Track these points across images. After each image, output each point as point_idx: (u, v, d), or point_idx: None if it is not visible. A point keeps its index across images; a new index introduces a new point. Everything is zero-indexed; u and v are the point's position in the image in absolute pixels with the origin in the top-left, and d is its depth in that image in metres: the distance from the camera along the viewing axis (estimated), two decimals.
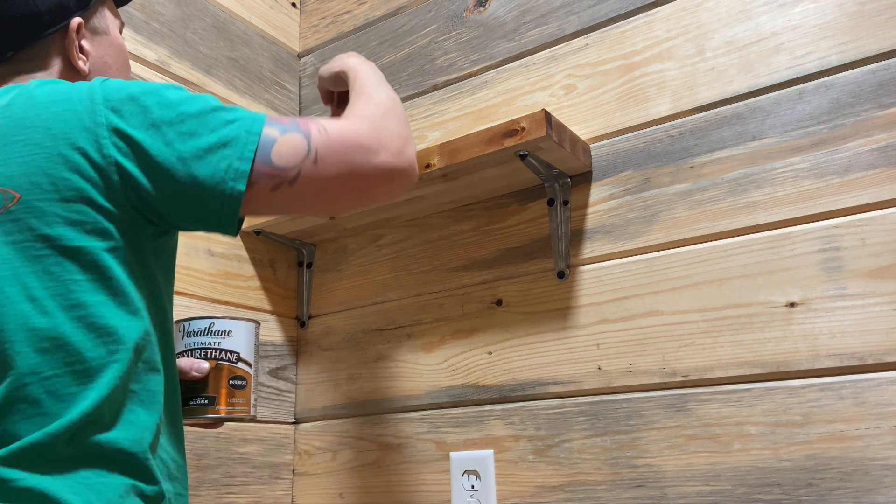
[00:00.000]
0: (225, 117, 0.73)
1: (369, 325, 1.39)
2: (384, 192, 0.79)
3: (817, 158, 1.02)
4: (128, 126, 0.71)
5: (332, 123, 0.76)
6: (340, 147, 0.74)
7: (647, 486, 1.05)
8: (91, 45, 0.86)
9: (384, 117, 0.80)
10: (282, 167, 0.72)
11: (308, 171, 0.73)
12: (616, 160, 1.18)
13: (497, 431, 1.20)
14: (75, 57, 0.84)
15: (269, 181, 0.72)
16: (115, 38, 0.90)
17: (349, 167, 0.75)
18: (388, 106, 0.83)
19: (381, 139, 0.77)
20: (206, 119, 0.72)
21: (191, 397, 0.92)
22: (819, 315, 0.97)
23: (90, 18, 0.87)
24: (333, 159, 0.74)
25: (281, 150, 0.72)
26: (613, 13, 1.22)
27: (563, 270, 1.18)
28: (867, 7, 1.02)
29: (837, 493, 0.93)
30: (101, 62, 0.87)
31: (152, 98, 0.72)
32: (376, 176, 0.76)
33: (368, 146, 0.76)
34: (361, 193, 0.77)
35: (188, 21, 1.40)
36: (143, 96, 0.72)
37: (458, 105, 1.38)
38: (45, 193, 0.68)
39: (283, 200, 0.74)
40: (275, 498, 1.37)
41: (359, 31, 1.56)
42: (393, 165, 0.77)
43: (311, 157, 0.73)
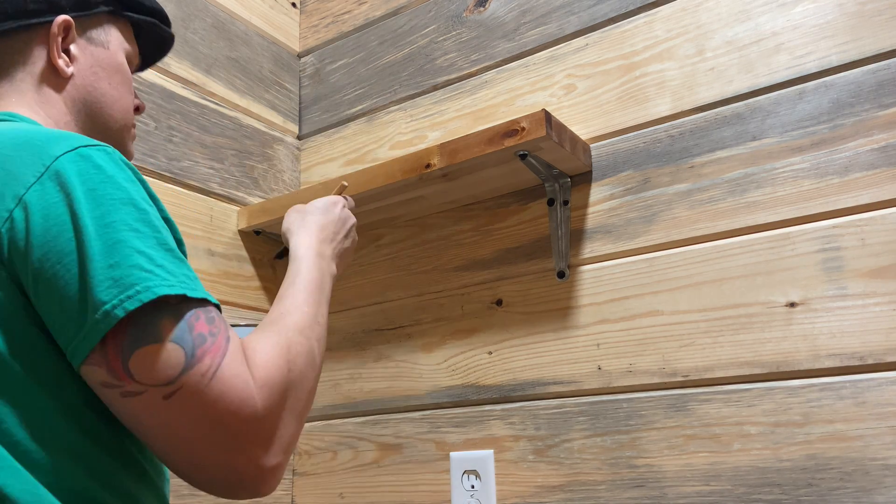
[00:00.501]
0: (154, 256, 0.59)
1: (369, 325, 1.39)
2: (217, 489, 0.61)
3: (817, 158, 1.02)
4: (33, 204, 0.60)
5: (230, 369, 0.59)
6: (207, 411, 0.57)
7: (647, 486, 1.05)
8: (81, 53, 0.81)
9: (290, 391, 0.64)
10: (131, 374, 0.56)
11: (150, 399, 0.57)
12: (616, 160, 1.18)
13: (497, 431, 1.20)
14: (55, 55, 0.78)
15: (104, 374, 0.57)
16: (114, 56, 0.83)
17: (195, 437, 0.58)
18: (302, 370, 0.67)
19: (259, 434, 0.60)
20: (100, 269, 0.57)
21: None
22: (819, 315, 0.97)
23: (89, 27, 0.82)
24: (187, 415, 0.57)
25: (149, 356, 0.56)
26: (613, 13, 1.22)
27: (563, 270, 1.18)
28: (867, 7, 1.02)
29: (837, 493, 0.93)
30: (90, 72, 0.81)
31: (93, 198, 0.60)
32: (216, 471, 0.60)
33: (235, 436, 0.59)
34: (187, 470, 0.60)
35: (188, 21, 1.40)
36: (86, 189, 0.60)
37: (458, 105, 1.38)
38: None
39: (107, 403, 0.59)
40: (275, 498, 1.37)
41: (359, 31, 1.56)
42: (249, 473, 0.60)
43: (168, 388, 0.57)
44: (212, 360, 0.58)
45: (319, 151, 1.56)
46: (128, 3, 0.86)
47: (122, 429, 0.63)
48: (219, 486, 0.61)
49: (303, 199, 1.30)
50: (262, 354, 0.64)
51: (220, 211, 1.37)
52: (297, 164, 1.58)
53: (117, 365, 0.57)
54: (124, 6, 0.85)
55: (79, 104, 0.79)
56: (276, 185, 1.51)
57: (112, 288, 0.56)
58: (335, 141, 1.54)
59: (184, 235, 1.27)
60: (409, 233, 1.38)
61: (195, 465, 0.60)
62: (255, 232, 1.40)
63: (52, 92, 0.78)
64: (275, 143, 1.53)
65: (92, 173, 0.61)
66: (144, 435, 0.59)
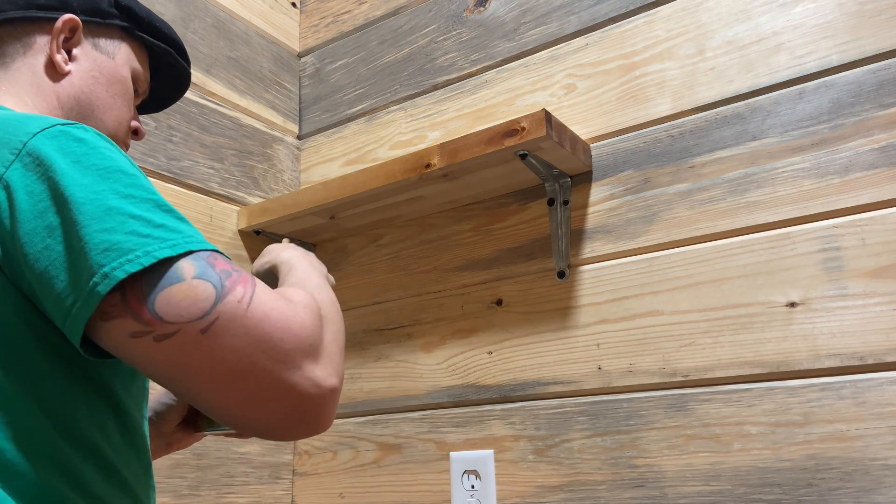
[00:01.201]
0: (152, 218, 0.57)
1: (369, 325, 1.39)
2: (276, 423, 0.57)
3: (817, 158, 1.02)
4: (15, 182, 0.58)
5: (266, 294, 0.57)
6: (252, 333, 0.55)
7: (648, 486, 1.05)
8: (84, 55, 0.80)
9: (327, 324, 0.62)
10: (159, 316, 0.53)
11: (187, 336, 0.54)
12: (616, 160, 1.18)
13: (497, 431, 1.20)
14: (54, 49, 0.77)
15: (132, 324, 0.54)
16: (118, 68, 0.82)
17: (243, 366, 0.55)
18: (332, 315, 0.65)
19: (311, 349, 0.58)
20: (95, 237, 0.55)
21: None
22: (819, 315, 0.97)
23: (99, 35, 0.81)
24: (231, 343, 0.54)
25: (174, 295, 0.54)
26: (613, 13, 1.22)
27: (563, 270, 1.18)
28: (867, 7, 1.02)
29: (837, 493, 0.93)
30: (88, 75, 0.80)
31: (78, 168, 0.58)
32: (275, 398, 0.56)
33: (289, 353, 0.56)
34: (239, 409, 0.56)
35: (188, 21, 1.40)
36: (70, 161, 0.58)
37: (458, 105, 1.38)
38: None
39: (138, 356, 0.55)
40: (275, 498, 1.37)
41: (359, 31, 1.56)
42: (308, 393, 0.56)
43: (203, 321, 0.54)
44: (244, 288, 0.56)
45: (319, 151, 1.56)
46: (145, 25, 0.85)
47: (102, 432, 0.62)
48: (280, 420, 0.57)
49: (303, 198, 1.30)
50: (294, 293, 0.62)
51: (220, 211, 1.37)
52: (297, 164, 1.58)
53: (143, 311, 0.53)
54: (140, 27, 0.84)
55: (72, 101, 0.78)
56: (276, 185, 1.51)
57: (110, 252, 0.54)
58: (335, 141, 1.54)
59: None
60: (409, 233, 1.38)
61: (251, 400, 0.55)
62: (255, 232, 1.40)
63: (46, 85, 0.77)
64: (275, 143, 1.53)
65: (73, 146, 0.59)
66: (189, 382, 0.55)
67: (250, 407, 0.56)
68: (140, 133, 0.87)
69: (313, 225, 1.39)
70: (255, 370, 0.55)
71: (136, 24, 0.84)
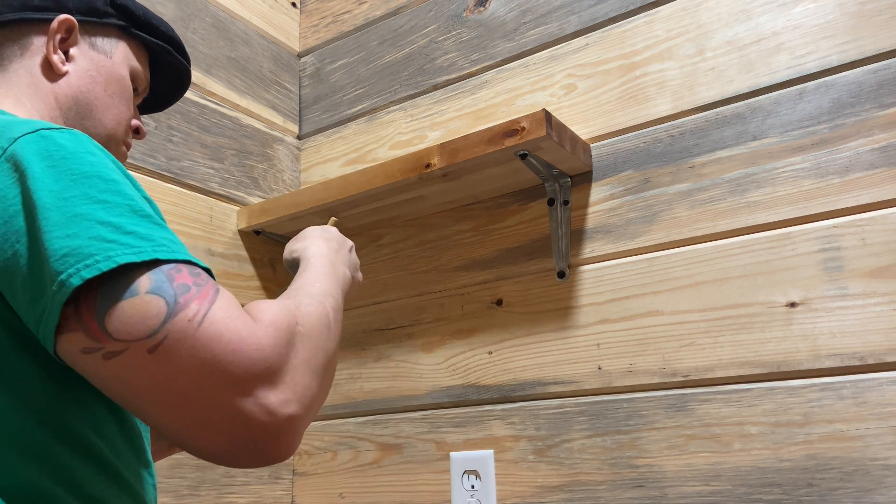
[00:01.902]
0: (122, 224, 0.54)
1: (369, 325, 1.39)
2: (225, 452, 0.54)
3: (818, 158, 1.02)
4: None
5: (223, 311, 0.53)
6: (200, 355, 0.51)
7: (648, 486, 1.05)
8: (81, 55, 0.80)
9: (300, 343, 0.58)
10: (107, 332, 0.51)
11: (134, 355, 0.51)
12: (616, 160, 1.18)
13: (497, 431, 1.20)
14: (51, 50, 0.77)
15: (82, 339, 0.52)
16: (115, 67, 0.82)
17: (190, 390, 0.52)
18: (313, 331, 0.61)
19: (267, 373, 0.53)
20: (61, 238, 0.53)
21: None
22: (819, 315, 0.97)
23: (96, 35, 0.81)
24: (178, 364, 0.51)
25: (125, 310, 0.51)
26: (613, 13, 1.22)
27: (563, 270, 1.18)
28: (867, 7, 1.02)
29: (838, 493, 0.93)
30: (86, 74, 0.79)
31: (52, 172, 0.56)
32: (222, 425, 0.52)
33: (238, 377, 0.52)
34: (188, 433, 0.53)
35: (188, 21, 1.40)
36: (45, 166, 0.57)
37: (458, 105, 1.38)
38: None
39: (90, 372, 0.53)
40: (275, 498, 1.37)
41: (359, 31, 1.56)
42: (259, 420, 0.52)
43: (151, 340, 0.51)
44: (199, 305, 0.52)
45: (319, 151, 1.56)
46: (141, 23, 0.84)
47: (98, 432, 0.61)
48: (228, 448, 0.53)
49: (303, 198, 1.30)
50: (266, 308, 0.58)
51: (220, 211, 1.37)
52: (297, 164, 1.58)
53: (93, 326, 0.51)
54: (136, 24, 0.84)
55: (70, 101, 0.78)
56: (276, 185, 1.51)
57: (68, 257, 0.52)
58: (335, 141, 1.54)
59: (183, 235, 1.27)
60: (409, 233, 1.38)
61: (198, 425, 0.53)
62: (255, 232, 1.40)
63: (44, 86, 0.77)
64: (275, 143, 1.53)
65: (52, 150, 0.58)
66: (138, 402, 0.53)
67: (198, 432, 0.53)
68: (141, 132, 0.87)
69: (313, 225, 1.39)
70: (202, 394, 0.52)
71: (133, 22, 0.83)
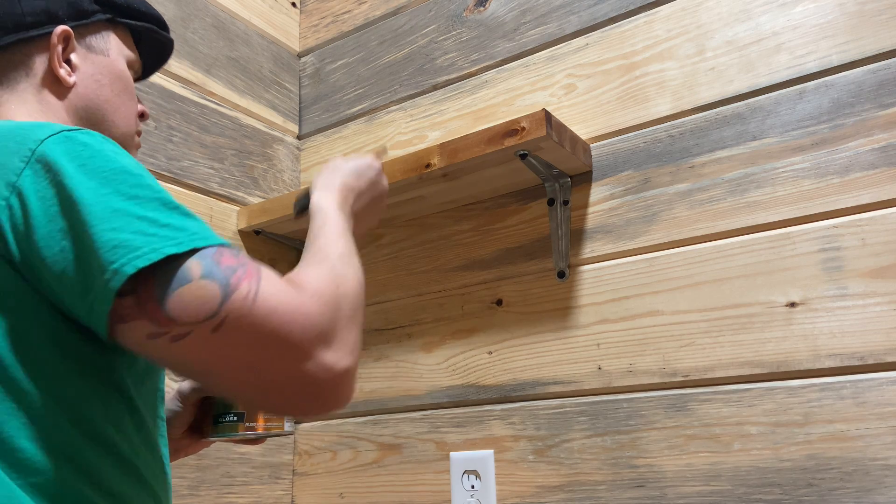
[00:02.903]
0: (157, 218, 0.59)
1: (369, 325, 1.39)
2: (297, 407, 0.62)
3: (818, 158, 1.02)
4: (27, 189, 0.60)
5: (272, 286, 0.59)
6: (260, 329, 0.57)
7: (648, 486, 1.05)
8: (82, 61, 0.81)
9: (342, 303, 0.64)
10: (172, 318, 0.56)
11: (200, 337, 0.56)
12: (616, 160, 1.18)
13: (497, 431, 1.20)
14: (56, 65, 0.78)
15: (147, 325, 0.56)
16: (115, 63, 0.84)
17: (255, 360, 0.58)
18: (349, 289, 0.66)
19: (321, 336, 0.60)
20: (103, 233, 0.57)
21: (220, 414, 0.89)
22: (819, 315, 0.97)
23: (87, 35, 0.82)
24: (241, 339, 0.57)
25: (184, 296, 0.56)
26: (613, 13, 1.22)
27: (563, 270, 1.18)
28: (867, 7, 1.02)
29: (838, 493, 0.93)
30: (92, 80, 0.81)
31: (84, 171, 0.60)
32: (290, 387, 0.59)
33: (297, 344, 0.58)
34: (256, 396, 0.60)
35: (188, 21, 1.40)
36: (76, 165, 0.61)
37: (458, 105, 1.38)
38: None
39: (155, 355, 0.59)
40: (275, 498, 1.37)
41: (359, 31, 1.56)
42: (320, 378, 0.59)
43: (213, 321, 0.56)
44: (249, 284, 0.58)
45: (319, 151, 1.56)
46: (124, 10, 0.86)
47: (118, 429, 0.64)
48: (299, 403, 0.61)
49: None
50: (307, 275, 0.64)
51: (220, 211, 1.37)
52: (297, 164, 1.58)
53: (157, 313, 0.56)
54: (121, 13, 0.85)
55: (81, 112, 0.80)
56: (276, 185, 1.51)
57: (118, 248, 0.56)
58: (335, 141, 1.54)
59: None
60: (409, 233, 1.38)
61: (269, 390, 0.59)
62: (255, 232, 1.40)
63: (54, 100, 0.79)
64: (275, 143, 1.53)
65: (79, 150, 0.62)
66: (208, 377, 0.59)
67: (269, 395, 0.60)
68: (145, 115, 0.89)
69: None
70: (267, 363, 0.58)
71: (118, 11, 0.85)
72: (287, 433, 0.92)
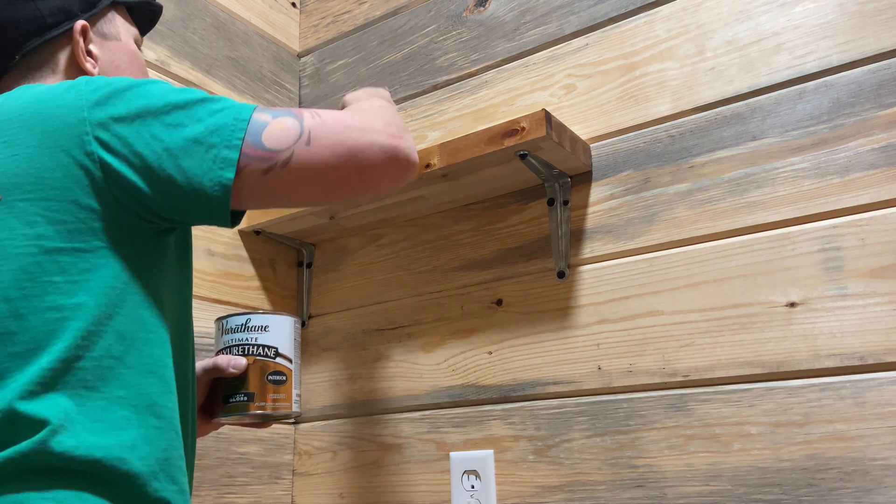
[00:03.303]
0: (212, 107, 0.71)
1: (369, 325, 1.39)
2: (383, 176, 0.75)
3: (817, 158, 1.02)
4: (112, 121, 0.69)
5: (325, 111, 0.75)
6: (335, 128, 0.73)
7: (648, 486, 1.05)
8: (100, 50, 0.85)
9: (377, 112, 0.78)
10: (273, 149, 0.70)
11: (301, 152, 0.71)
12: (616, 160, 1.18)
13: (497, 431, 1.20)
14: (82, 59, 0.82)
15: (259, 164, 0.70)
16: (127, 45, 0.89)
17: (345, 147, 0.72)
18: (381, 106, 0.81)
19: (375, 124, 0.75)
20: (192, 110, 0.71)
21: (230, 395, 0.91)
22: (819, 315, 0.97)
23: (98, 23, 0.86)
24: (328, 140, 0.72)
25: (272, 132, 0.71)
26: (613, 13, 1.22)
27: (563, 270, 1.18)
28: (868, 7, 1.02)
29: (837, 493, 0.93)
30: (112, 67, 0.86)
31: (137, 92, 0.71)
32: (374, 157, 0.74)
33: (364, 127, 0.74)
34: (358, 178, 0.74)
35: (188, 21, 1.40)
36: (127, 90, 0.71)
37: (458, 105, 1.38)
38: (26, 193, 0.66)
39: (276, 186, 0.71)
40: (275, 498, 1.37)
41: (359, 31, 1.56)
42: (392, 146, 0.74)
43: (304, 138, 0.71)
44: (307, 111, 0.75)
45: None
46: None
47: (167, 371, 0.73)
48: (389, 172, 0.75)
49: None
50: (354, 104, 0.86)
51: None
52: None
53: (260, 153, 0.70)
54: None
55: None
56: None
57: (216, 132, 0.71)
58: None
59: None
60: (409, 233, 1.38)
61: (366, 171, 0.74)
62: (255, 232, 1.40)
63: None
64: None
65: (119, 85, 0.72)
66: (322, 185, 0.73)
67: (370, 175, 0.75)
68: None
69: (313, 225, 1.39)
70: (350, 146, 0.73)
71: None
72: (295, 414, 0.94)
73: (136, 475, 0.64)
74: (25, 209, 0.66)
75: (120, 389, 0.66)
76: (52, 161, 0.67)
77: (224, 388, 0.91)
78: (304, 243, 1.49)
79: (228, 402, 0.91)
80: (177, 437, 0.70)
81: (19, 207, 0.66)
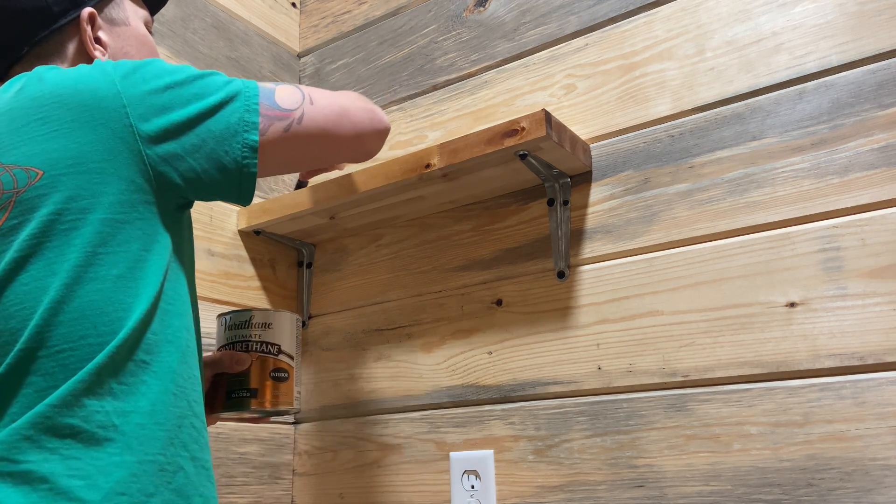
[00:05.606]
0: (224, 78, 0.79)
1: (369, 325, 1.39)
2: (368, 133, 0.89)
3: (817, 158, 1.02)
4: (146, 94, 0.73)
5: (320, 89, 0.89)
6: (324, 94, 0.85)
7: (647, 486, 1.05)
8: (109, 37, 0.85)
9: (337, 92, 0.91)
10: (288, 108, 0.80)
11: (309, 111, 0.81)
12: (616, 160, 1.18)
13: (497, 431, 1.20)
14: (90, 47, 0.83)
15: (280, 123, 0.79)
16: (137, 30, 0.89)
17: (338, 106, 0.85)
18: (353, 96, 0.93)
19: (347, 95, 0.89)
20: (210, 80, 0.78)
21: (232, 390, 0.92)
22: (819, 315, 0.97)
23: (106, 9, 0.86)
24: (324, 101, 0.84)
25: (282, 95, 0.80)
26: (613, 13, 1.22)
27: (563, 270, 1.18)
28: (867, 7, 1.02)
29: (837, 493, 0.93)
30: (121, 53, 0.86)
31: (158, 68, 0.76)
32: (359, 115, 0.87)
33: (342, 95, 0.88)
34: (353, 132, 0.86)
35: (188, 21, 1.40)
36: (149, 66, 0.76)
37: (458, 105, 1.38)
38: (67, 168, 0.68)
39: (295, 144, 0.80)
40: (275, 498, 1.37)
41: (359, 31, 1.56)
42: (369, 108, 0.90)
43: (307, 99, 0.82)
44: (301, 86, 0.85)
45: None
46: None
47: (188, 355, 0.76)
48: (374, 127, 0.90)
49: (303, 198, 1.30)
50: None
51: (220, 211, 1.37)
52: None
53: (277, 113, 0.79)
54: None
55: None
56: (275, 185, 1.51)
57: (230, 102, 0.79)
58: None
59: None
60: (409, 233, 1.38)
61: (359, 129, 0.88)
62: (255, 232, 1.40)
63: None
64: None
65: (134, 64, 0.76)
66: (331, 137, 0.85)
67: (363, 135, 0.89)
68: None
69: (313, 225, 1.39)
70: (342, 105, 0.86)
71: None
72: (295, 410, 0.95)
73: (153, 438, 0.66)
74: (67, 183, 0.68)
75: (146, 355, 0.69)
76: (93, 135, 0.69)
77: (226, 383, 0.92)
78: (304, 243, 1.49)
79: (231, 397, 0.92)
80: (188, 407, 0.72)
81: (61, 182, 0.68)
